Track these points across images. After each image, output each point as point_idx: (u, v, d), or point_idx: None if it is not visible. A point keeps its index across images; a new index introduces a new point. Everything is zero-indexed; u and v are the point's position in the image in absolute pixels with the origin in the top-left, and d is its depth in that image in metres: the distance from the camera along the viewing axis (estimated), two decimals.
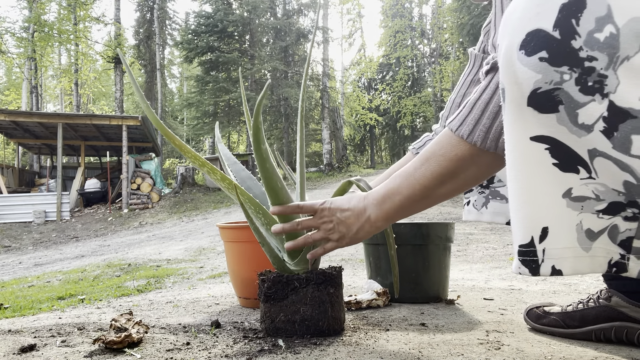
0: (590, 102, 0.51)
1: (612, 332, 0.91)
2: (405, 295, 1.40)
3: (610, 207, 0.56)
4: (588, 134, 0.53)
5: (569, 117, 0.54)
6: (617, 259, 0.57)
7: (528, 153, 0.58)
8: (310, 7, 18.22)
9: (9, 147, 23.76)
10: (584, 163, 0.55)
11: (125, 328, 0.95)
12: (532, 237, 0.59)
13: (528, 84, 0.55)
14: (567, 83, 0.52)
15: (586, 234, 0.58)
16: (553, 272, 0.59)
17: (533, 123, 0.56)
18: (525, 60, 0.54)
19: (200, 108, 16.99)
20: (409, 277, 1.40)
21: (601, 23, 0.49)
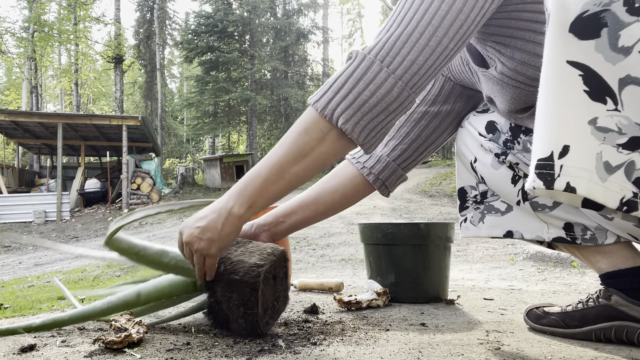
0: (635, 22, 0.54)
1: (612, 331, 0.91)
2: (405, 295, 1.40)
3: (631, 141, 0.58)
4: (625, 57, 0.55)
5: (610, 40, 0.56)
6: (630, 197, 0.58)
7: (562, 75, 0.60)
8: (310, 7, 18.23)
9: (9, 147, 23.76)
10: (612, 94, 0.57)
11: (125, 328, 0.95)
12: (553, 151, 0.60)
13: (576, 8, 0.57)
14: (615, 4, 0.55)
15: (604, 166, 0.59)
16: (567, 188, 0.60)
17: (572, 48, 0.59)
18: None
19: (200, 108, 17.00)
20: (409, 277, 1.40)
21: None
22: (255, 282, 0.97)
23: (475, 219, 1.14)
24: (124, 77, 19.66)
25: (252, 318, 0.99)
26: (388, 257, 1.42)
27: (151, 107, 22.52)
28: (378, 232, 1.43)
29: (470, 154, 1.10)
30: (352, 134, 0.81)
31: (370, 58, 0.79)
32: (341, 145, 0.84)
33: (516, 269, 2.28)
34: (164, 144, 21.74)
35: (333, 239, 5.08)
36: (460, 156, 1.14)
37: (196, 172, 18.18)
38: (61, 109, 28.21)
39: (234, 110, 17.77)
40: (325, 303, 1.42)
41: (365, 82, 0.79)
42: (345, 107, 0.80)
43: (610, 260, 0.94)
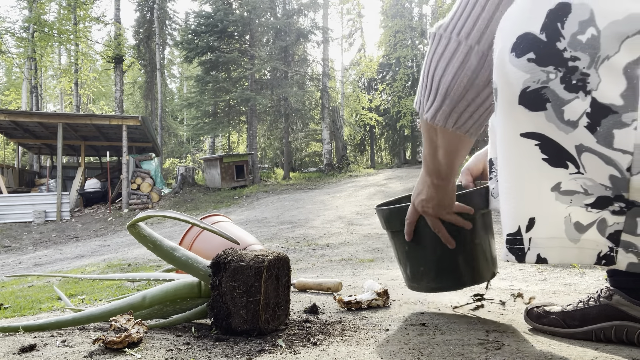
0: (575, 99, 0.55)
1: (612, 331, 0.91)
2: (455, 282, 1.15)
3: (598, 201, 0.58)
4: (574, 129, 0.56)
5: (556, 114, 0.57)
6: (606, 251, 0.58)
7: (519, 148, 0.61)
8: (310, 7, 18.21)
9: (9, 147, 23.75)
10: (572, 158, 0.58)
11: (125, 328, 0.95)
12: (519, 226, 0.62)
13: (518, 84, 0.58)
14: (553, 82, 0.56)
15: (575, 227, 0.60)
16: (538, 259, 0.61)
17: (524, 120, 0.60)
18: (515, 61, 0.58)
19: (200, 108, 16.99)
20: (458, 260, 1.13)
21: (584, 26, 0.53)
22: (260, 267, 1.02)
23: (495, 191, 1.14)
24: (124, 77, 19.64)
25: (254, 307, 1.01)
26: (428, 242, 1.13)
27: (151, 107, 22.50)
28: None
29: None
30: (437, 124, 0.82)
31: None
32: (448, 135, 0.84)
33: (516, 269, 2.28)
34: (164, 144, 21.73)
35: (333, 239, 5.08)
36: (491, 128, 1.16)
37: (196, 172, 18.17)
38: (61, 109, 28.19)
39: (234, 110, 17.74)
40: (325, 303, 1.42)
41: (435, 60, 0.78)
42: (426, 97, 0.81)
43: None
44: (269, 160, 24.47)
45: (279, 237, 5.43)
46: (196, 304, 1.17)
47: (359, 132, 24.55)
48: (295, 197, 10.82)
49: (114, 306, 1.09)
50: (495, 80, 0.63)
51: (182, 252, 1.15)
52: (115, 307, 1.09)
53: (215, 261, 1.07)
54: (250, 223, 7.51)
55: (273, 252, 1.11)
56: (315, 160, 23.60)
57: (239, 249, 1.14)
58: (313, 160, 23.87)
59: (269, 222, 7.36)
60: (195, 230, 1.67)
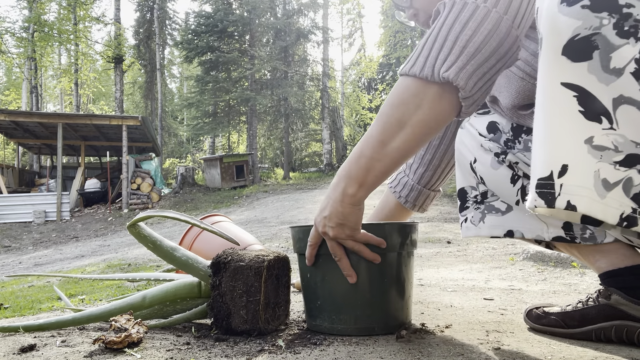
0: (625, 45, 0.55)
1: (612, 331, 0.91)
2: (355, 326, 1.00)
3: (627, 159, 0.59)
4: (618, 78, 0.57)
5: (602, 62, 0.57)
6: (629, 212, 0.59)
7: (557, 97, 0.61)
8: (310, 7, 18.22)
9: (9, 147, 23.76)
10: (607, 113, 0.59)
11: (125, 328, 0.95)
12: (552, 171, 0.62)
13: (567, 32, 0.59)
14: (605, 27, 0.56)
15: (602, 183, 0.60)
16: (568, 206, 0.61)
17: (566, 71, 0.60)
18: (566, 10, 0.59)
19: (200, 108, 16.99)
20: (362, 299, 0.99)
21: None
22: (260, 267, 1.02)
23: (475, 219, 1.14)
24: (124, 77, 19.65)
25: (254, 307, 1.01)
26: (333, 273, 0.99)
27: (151, 107, 22.51)
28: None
29: (470, 155, 1.10)
30: (458, 82, 0.74)
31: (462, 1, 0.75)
32: (441, 107, 0.78)
33: (516, 269, 2.28)
34: (164, 144, 21.73)
35: None
36: (460, 157, 1.15)
37: (196, 172, 18.18)
38: (61, 109, 28.20)
39: (234, 110, 17.75)
40: None
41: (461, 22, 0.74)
42: (446, 55, 0.75)
43: (609, 259, 0.94)
44: (269, 160, 24.47)
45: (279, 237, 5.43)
46: (196, 304, 1.17)
47: (359, 132, 24.55)
48: (295, 197, 10.82)
49: (114, 306, 1.10)
50: (541, 30, 0.63)
51: (182, 252, 1.15)
52: (115, 307, 1.09)
53: (215, 261, 1.07)
54: (250, 223, 7.51)
55: (273, 252, 1.11)
56: (315, 160, 23.61)
57: (239, 249, 1.14)
58: (313, 160, 23.88)
59: (269, 222, 7.36)
60: (195, 231, 1.67)
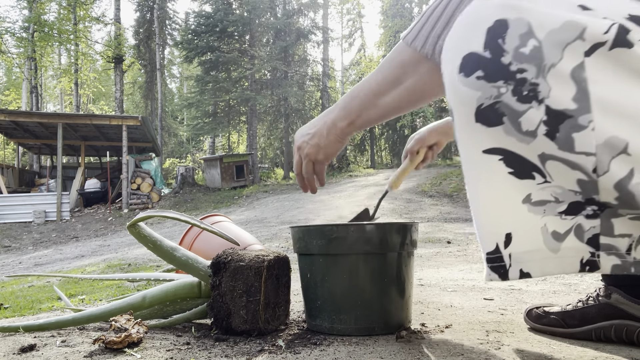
0: (529, 109, 0.55)
1: (611, 330, 0.91)
2: (356, 326, 1.01)
3: (571, 207, 0.58)
4: (534, 139, 0.56)
5: (514, 126, 0.57)
6: (588, 257, 0.58)
7: (483, 166, 0.61)
8: (310, 7, 18.22)
9: (9, 147, 23.76)
10: (537, 168, 0.58)
11: (125, 328, 0.95)
12: (497, 243, 0.61)
13: (471, 102, 0.59)
14: (505, 95, 0.56)
15: (553, 236, 0.59)
16: (521, 275, 0.61)
17: (484, 137, 0.60)
18: (465, 81, 0.59)
19: (200, 108, 16.99)
20: (362, 299, 1.01)
21: (524, 38, 0.55)
22: (260, 267, 1.02)
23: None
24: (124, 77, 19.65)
25: (254, 307, 1.01)
26: (333, 273, 1.02)
27: (151, 107, 22.51)
28: (318, 238, 1.03)
29: None
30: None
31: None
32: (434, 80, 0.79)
33: None
34: (164, 144, 21.73)
35: None
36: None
37: (196, 172, 18.18)
38: (61, 109, 28.19)
39: (234, 110, 17.74)
40: None
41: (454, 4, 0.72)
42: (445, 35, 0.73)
43: None
44: (269, 160, 24.47)
45: (279, 237, 5.43)
46: (196, 304, 1.17)
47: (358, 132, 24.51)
48: (295, 197, 10.82)
49: (114, 306, 1.10)
50: (449, 102, 0.64)
51: (182, 252, 1.15)
52: (115, 307, 1.09)
53: (215, 261, 1.07)
54: (250, 223, 7.51)
55: (273, 252, 1.11)
56: None
57: (239, 249, 1.14)
58: None
59: (269, 222, 7.36)
60: (195, 231, 1.67)
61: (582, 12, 0.54)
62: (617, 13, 0.53)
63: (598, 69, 0.52)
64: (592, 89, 0.52)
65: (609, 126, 0.52)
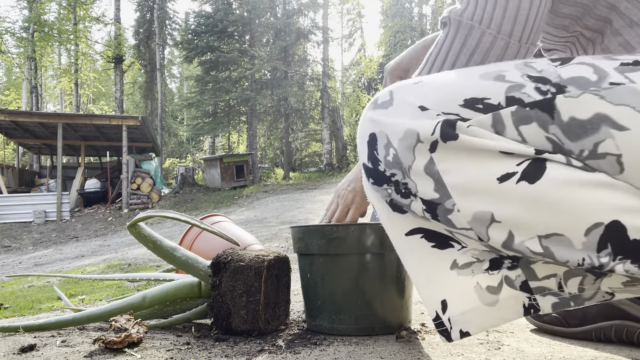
0: (412, 202, 0.63)
1: (612, 331, 0.91)
2: (356, 326, 1.01)
3: (492, 263, 0.62)
4: (429, 221, 0.63)
5: (412, 214, 0.65)
6: (528, 302, 0.61)
7: (409, 246, 0.67)
8: (310, 7, 18.21)
9: (9, 147, 23.76)
10: (452, 238, 0.64)
11: (125, 328, 0.95)
12: (436, 311, 0.66)
13: (380, 200, 0.68)
14: (392, 194, 0.65)
15: (488, 291, 0.63)
16: (462, 335, 0.65)
17: (402, 223, 0.67)
18: (368, 185, 0.69)
19: (200, 108, 16.99)
20: (362, 299, 1.01)
21: (387, 148, 0.63)
22: (260, 267, 1.02)
23: None
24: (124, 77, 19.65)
25: (254, 307, 1.01)
26: (333, 273, 1.02)
27: (151, 107, 22.51)
28: (318, 238, 1.03)
29: None
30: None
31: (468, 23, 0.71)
32: None
33: None
34: (164, 144, 21.73)
35: None
36: None
37: (196, 172, 18.18)
38: (61, 109, 28.19)
39: (234, 110, 17.74)
40: None
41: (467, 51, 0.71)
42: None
43: None
44: (269, 160, 24.47)
45: (279, 237, 5.43)
46: (196, 304, 1.17)
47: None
48: (295, 197, 10.82)
49: (114, 306, 1.09)
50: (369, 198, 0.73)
51: (182, 252, 1.15)
52: (115, 307, 1.09)
53: (215, 261, 1.07)
54: (250, 223, 7.51)
55: (273, 252, 1.11)
56: (315, 160, 23.61)
57: (238, 249, 1.14)
58: (313, 160, 23.88)
59: (269, 222, 7.36)
60: (195, 231, 1.67)
61: (420, 115, 0.60)
62: (451, 104, 0.59)
63: (443, 160, 0.58)
64: (445, 178, 0.58)
65: (470, 204, 0.58)
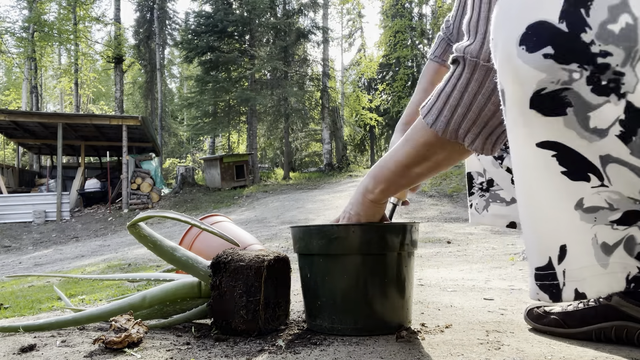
0: (605, 103, 0.46)
1: (612, 331, 0.91)
2: (355, 326, 1.01)
3: (626, 216, 0.51)
4: (601, 139, 0.47)
5: (579, 120, 0.48)
6: (635, 273, 0.51)
7: (534, 162, 0.52)
8: (310, 7, 18.21)
9: (9, 147, 23.75)
10: (595, 170, 0.50)
11: (125, 328, 0.95)
12: (550, 257, 0.53)
13: (530, 84, 0.48)
14: (577, 82, 0.46)
15: (602, 249, 0.51)
16: (577, 296, 0.52)
17: (537, 127, 0.50)
18: (526, 57, 0.48)
19: (200, 108, 16.99)
20: (363, 299, 1.00)
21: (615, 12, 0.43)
22: (260, 267, 1.02)
23: (479, 206, 1.13)
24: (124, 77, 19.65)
25: (254, 307, 1.01)
26: (334, 273, 1.01)
27: (151, 107, 22.51)
28: (319, 238, 1.02)
29: None
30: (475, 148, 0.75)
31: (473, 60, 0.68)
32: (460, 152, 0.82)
33: (516, 269, 2.27)
34: (164, 144, 21.73)
35: None
36: None
37: (196, 172, 18.18)
38: (61, 109, 28.20)
39: (234, 110, 17.74)
40: None
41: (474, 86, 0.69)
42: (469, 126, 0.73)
43: None
44: (269, 160, 24.48)
45: (279, 237, 5.42)
46: (196, 304, 1.17)
47: (359, 132, 24.55)
48: (296, 197, 10.82)
49: (114, 306, 1.10)
50: (500, 81, 0.53)
51: (182, 252, 1.15)
52: (115, 307, 1.09)
53: (215, 261, 1.07)
54: (250, 223, 7.50)
55: (273, 252, 1.11)
56: (315, 160, 23.61)
57: (238, 249, 1.14)
58: (313, 160, 23.88)
59: (269, 222, 7.35)
60: (195, 231, 1.67)
61: None
62: None
63: None
64: None
65: None
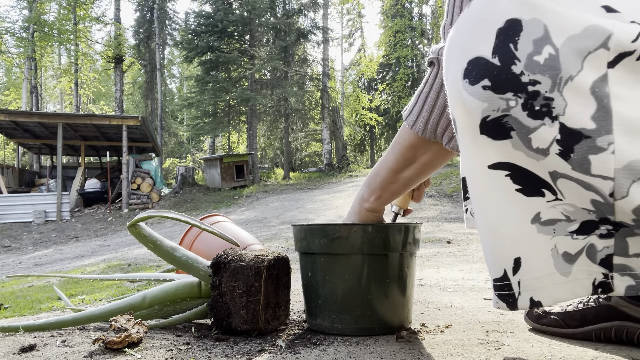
0: (541, 126, 0.50)
1: (612, 331, 0.91)
2: (356, 326, 1.01)
3: (583, 226, 0.53)
4: (545, 157, 0.51)
5: (523, 142, 0.51)
6: (601, 279, 0.54)
7: (489, 182, 0.56)
8: (310, 7, 18.21)
9: (9, 147, 23.75)
10: (547, 185, 0.53)
11: (125, 328, 0.95)
12: (505, 269, 0.56)
13: (477, 113, 0.53)
14: (514, 109, 0.50)
15: (564, 258, 0.54)
16: (532, 304, 0.56)
17: (489, 151, 0.54)
18: (470, 89, 0.53)
19: (200, 108, 16.99)
20: (364, 299, 1.00)
21: (539, 45, 0.48)
22: (260, 267, 1.03)
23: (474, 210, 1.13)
24: (124, 77, 19.65)
25: (254, 307, 1.01)
26: (335, 272, 1.02)
27: (151, 107, 22.51)
28: (320, 237, 1.02)
29: None
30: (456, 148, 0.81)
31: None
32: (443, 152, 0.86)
33: None
34: (164, 144, 21.73)
35: None
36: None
37: (196, 172, 18.18)
38: (61, 109, 28.20)
39: (234, 110, 17.74)
40: None
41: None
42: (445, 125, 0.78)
43: None
44: (269, 160, 24.48)
45: (279, 237, 5.42)
46: (196, 304, 1.17)
47: (359, 132, 24.55)
48: (296, 197, 10.82)
49: (114, 306, 1.10)
50: (451, 111, 0.57)
51: (182, 252, 1.15)
52: (115, 307, 1.09)
53: (215, 261, 1.07)
54: (250, 223, 7.51)
55: (273, 252, 1.11)
56: (315, 160, 23.61)
57: (238, 249, 1.14)
58: (313, 160, 23.88)
59: (269, 222, 7.35)
60: (195, 231, 1.67)
61: (606, 15, 0.47)
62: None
63: (623, 83, 0.46)
64: (616, 106, 0.46)
65: (633, 149, 0.46)
